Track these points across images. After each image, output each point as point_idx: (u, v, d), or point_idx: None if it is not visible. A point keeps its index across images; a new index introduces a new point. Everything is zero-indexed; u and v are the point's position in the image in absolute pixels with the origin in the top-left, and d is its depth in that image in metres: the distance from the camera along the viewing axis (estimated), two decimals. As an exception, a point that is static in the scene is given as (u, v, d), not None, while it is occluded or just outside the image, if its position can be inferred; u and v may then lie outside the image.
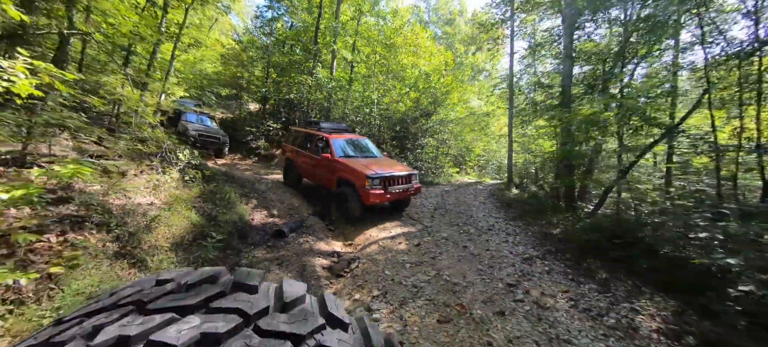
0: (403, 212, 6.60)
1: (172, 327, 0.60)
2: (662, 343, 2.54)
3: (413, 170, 6.50)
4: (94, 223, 3.21)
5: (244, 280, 0.80)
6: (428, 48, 16.56)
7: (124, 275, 2.97)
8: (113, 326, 0.61)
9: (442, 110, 15.79)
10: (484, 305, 3.00)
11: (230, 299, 0.72)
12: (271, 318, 0.68)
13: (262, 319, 0.67)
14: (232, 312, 0.67)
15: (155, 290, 0.75)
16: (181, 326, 0.61)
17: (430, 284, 3.40)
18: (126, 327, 0.60)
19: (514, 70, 12.64)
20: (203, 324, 0.61)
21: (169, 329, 0.60)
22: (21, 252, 2.60)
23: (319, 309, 0.77)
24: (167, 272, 0.84)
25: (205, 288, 0.75)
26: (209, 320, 0.63)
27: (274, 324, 0.65)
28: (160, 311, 0.66)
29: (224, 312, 0.67)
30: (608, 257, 3.99)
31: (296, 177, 7.52)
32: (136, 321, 0.62)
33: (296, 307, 0.74)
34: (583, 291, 3.33)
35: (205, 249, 3.85)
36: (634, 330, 2.67)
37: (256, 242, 4.75)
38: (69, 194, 3.38)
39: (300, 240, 4.90)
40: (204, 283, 0.78)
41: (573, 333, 2.62)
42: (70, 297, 2.49)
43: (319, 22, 13.98)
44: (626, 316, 2.88)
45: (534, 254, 4.32)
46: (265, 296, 0.75)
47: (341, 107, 14.44)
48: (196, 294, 0.72)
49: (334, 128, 7.38)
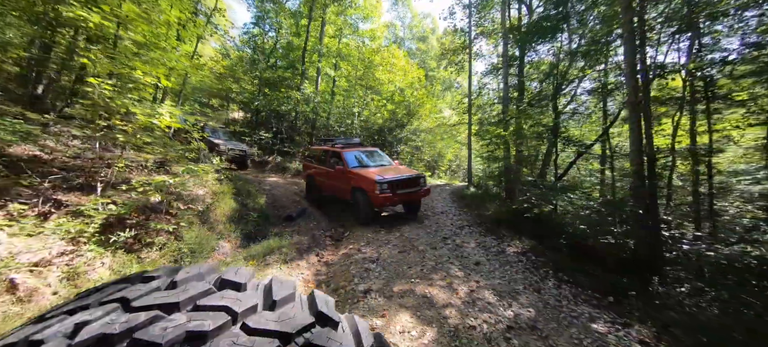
0: (416, 216, 7.11)
1: (156, 325, 0.59)
2: (514, 256, 4.84)
3: (422, 173, 6.98)
4: (183, 204, 5.11)
5: (232, 278, 0.79)
6: (403, 67, 18.99)
7: (209, 234, 4.90)
8: (96, 323, 0.60)
9: (415, 121, 18.23)
10: (426, 246, 5.19)
11: (217, 296, 0.71)
12: (260, 317, 0.67)
13: (250, 317, 0.66)
14: (219, 310, 0.66)
15: (141, 287, 0.74)
16: (166, 324, 0.60)
17: (397, 239, 5.55)
18: (109, 325, 0.59)
19: (474, 88, 15.26)
20: (189, 323, 0.60)
21: (154, 327, 0.59)
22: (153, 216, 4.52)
23: (309, 306, 0.76)
24: (154, 270, 0.83)
25: (192, 286, 0.74)
26: (195, 318, 0.62)
27: (262, 323, 0.64)
28: (144, 309, 0.64)
29: (211, 310, 0.66)
30: (510, 225, 6.33)
31: (317, 192, 8.28)
32: (120, 319, 0.61)
33: (285, 305, 0.73)
34: (486, 240, 5.61)
35: (247, 223, 5.82)
36: (502, 253, 4.96)
37: (273, 223, 6.72)
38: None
39: (305, 222, 6.92)
40: (191, 281, 0.77)
41: (471, 255, 4.85)
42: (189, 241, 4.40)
43: (306, 45, 16.01)
44: (502, 249, 5.18)
45: (465, 224, 6.60)
46: (254, 294, 0.75)
47: (324, 118, 16.50)
48: (182, 292, 0.71)
49: (346, 142, 8.11)
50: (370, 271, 4.24)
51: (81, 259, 3.35)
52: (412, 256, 4.73)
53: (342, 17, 17.33)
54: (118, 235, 3.70)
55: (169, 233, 4.34)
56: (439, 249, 5.03)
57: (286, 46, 17.64)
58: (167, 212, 4.80)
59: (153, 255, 3.90)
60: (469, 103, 14.63)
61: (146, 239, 4.03)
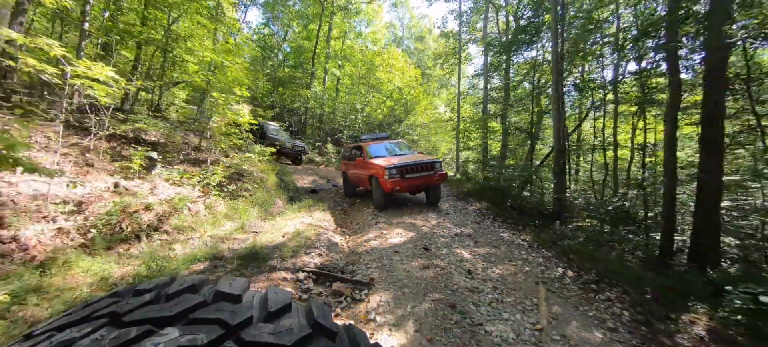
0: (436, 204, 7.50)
1: (148, 341, 0.59)
2: (472, 211, 7.43)
3: (437, 159, 7.18)
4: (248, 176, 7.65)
5: (227, 290, 0.80)
6: (401, 67, 21.44)
7: (269, 195, 7.43)
8: (85, 340, 0.59)
9: (412, 116, 20.74)
10: (414, 206, 7.76)
11: (212, 309, 0.72)
12: (255, 329, 0.67)
13: (244, 330, 0.66)
14: (213, 323, 0.66)
15: (132, 301, 0.74)
16: (158, 339, 0.59)
17: (394, 205, 8.10)
18: (98, 341, 0.59)
19: (463, 89, 17.80)
20: (182, 337, 0.60)
21: (145, 342, 0.58)
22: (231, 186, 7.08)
23: (306, 317, 0.77)
24: (146, 283, 0.83)
25: (185, 299, 0.75)
26: (188, 332, 0.62)
27: (257, 335, 0.64)
28: (136, 323, 0.64)
29: (205, 323, 0.66)
30: (477, 195, 8.93)
31: (352, 187, 8.98)
32: (111, 334, 0.61)
33: (281, 317, 0.74)
34: (457, 204, 8.19)
35: (288, 191, 8.37)
36: (465, 209, 7.56)
37: (301, 195, 9.26)
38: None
39: (325, 194, 9.47)
40: (184, 293, 0.78)
41: (444, 210, 7.41)
42: (260, 198, 6.92)
43: (316, 48, 18.43)
44: (466, 207, 7.76)
45: (445, 196, 9.20)
46: (249, 306, 0.76)
47: (330, 113, 18.98)
48: (175, 305, 0.72)
49: (372, 137, 8.87)
50: (378, 216, 6.81)
51: (210, 200, 5.89)
52: (405, 210, 7.30)
53: (347, 22, 19.74)
54: (227, 189, 6.24)
55: (248, 190, 6.88)
56: (423, 208, 7.61)
57: (297, 48, 20.01)
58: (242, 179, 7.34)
59: (244, 204, 6.44)
60: (458, 101, 17.18)
61: (238, 193, 6.57)
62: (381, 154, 7.70)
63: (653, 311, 3.51)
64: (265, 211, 6.67)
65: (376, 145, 8.12)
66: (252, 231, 5.32)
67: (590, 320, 3.28)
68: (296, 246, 4.64)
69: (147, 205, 4.64)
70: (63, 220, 3.84)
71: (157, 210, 4.69)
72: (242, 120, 6.85)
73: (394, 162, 6.77)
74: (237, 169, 7.27)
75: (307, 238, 5.01)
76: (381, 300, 3.33)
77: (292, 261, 4.10)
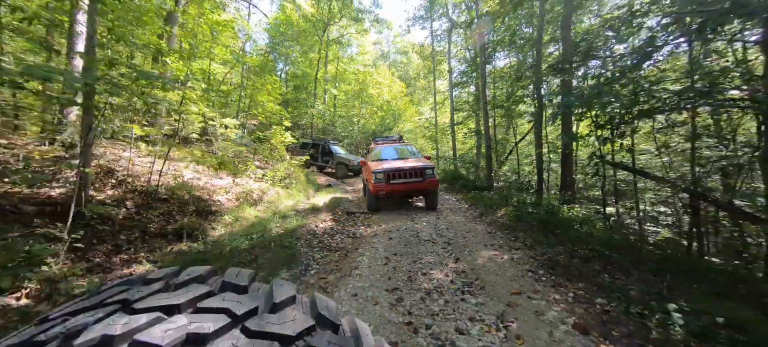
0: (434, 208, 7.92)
1: (157, 327, 0.63)
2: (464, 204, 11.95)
3: (429, 164, 7.31)
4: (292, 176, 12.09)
5: (234, 280, 0.84)
6: (388, 84, 26.07)
7: (305, 188, 11.83)
8: (97, 325, 0.63)
9: (400, 124, 25.31)
10: (399, 188, 12.24)
11: (218, 299, 0.75)
12: (260, 319, 0.70)
13: (250, 320, 0.69)
14: (220, 312, 0.70)
15: (142, 289, 0.78)
16: (167, 326, 0.63)
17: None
18: (110, 326, 0.62)
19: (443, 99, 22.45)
20: (190, 324, 0.64)
21: (155, 329, 0.62)
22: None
23: (310, 309, 0.80)
24: (155, 272, 0.88)
25: (193, 288, 0.79)
26: (196, 320, 0.66)
27: (262, 325, 0.68)
28: (146, 310, 0.68)
29: (212, 312, 0.70)
30: (443, 181, 13.43)
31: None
32: (122, 320, 0.64)
33: (286, 308, 0.77)
34: (428, 186, 12.69)
35: (313, 185, 12.82)
36: (431, 187, 12.08)
37: (321, 187, 13.65)
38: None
39: (337, 187, 13.91)
40: (192, 283, 0.82)
41: (417, 189, 11.88)
42: (299, 188, 11.33)
43: (317, 74, 23.00)
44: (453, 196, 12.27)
45: (421, 182, 13.71)
46: (255, 296, 0.79)
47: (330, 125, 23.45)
48: (183, 294, 0.76)
49: (384, 140, 9.75)
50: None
51: (276, 188, 10.28)
52: (392, 190, 11.76)
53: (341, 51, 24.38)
54: (283, 182, 10.69)
55: (293, 184, 11.29)
56: (404, 188, 12.08)
57: (302, 75, 24.57)
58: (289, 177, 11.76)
59: (294, 190, 10.84)
60: (452, 102, 21.72)
61: (288, 185, 11.00)
62: (386, 157, 8.37)
63: (488, 210, 7.98)
64: (305, 194, 11.08)
65: (383, 147, 9.09)
66: (307, 201, 9.76)
67: (463, 216, 7.73)
68: (332, 204, 9.08)
69: (250, 190, 9.05)
70: (225, 195, 8.24)
71: (257, 193, 9.10)
72: (288, 141, 11.27)
73: (383, 167, 7.32)
74: (286, 171, 11.69)
75: (336, 199, 9.45)
76: (378, 221, 7.77)
77: (331, 210, 8.53)
